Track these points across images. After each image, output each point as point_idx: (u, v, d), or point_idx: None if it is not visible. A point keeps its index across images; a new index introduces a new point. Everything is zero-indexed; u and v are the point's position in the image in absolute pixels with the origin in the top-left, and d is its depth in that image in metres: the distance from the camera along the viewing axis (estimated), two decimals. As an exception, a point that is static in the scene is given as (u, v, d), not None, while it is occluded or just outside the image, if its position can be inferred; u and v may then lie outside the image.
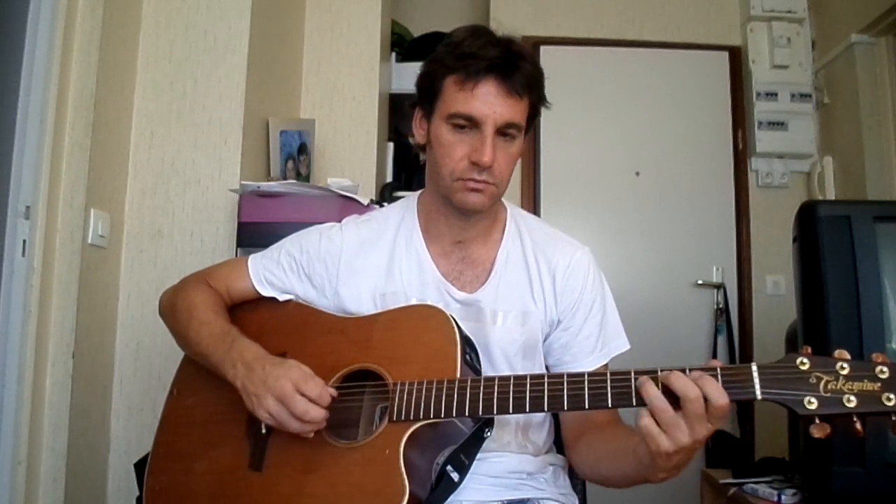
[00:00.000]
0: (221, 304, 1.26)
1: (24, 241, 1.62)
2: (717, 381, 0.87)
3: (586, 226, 3.24)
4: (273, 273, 1.28)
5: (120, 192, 2.03)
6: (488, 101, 1.10)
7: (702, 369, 0.90)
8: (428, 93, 1.17)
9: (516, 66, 1.11)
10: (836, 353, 0.87)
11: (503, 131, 1.12)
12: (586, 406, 0.94)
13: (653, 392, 0.88)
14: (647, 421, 0.88)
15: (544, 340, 1.22)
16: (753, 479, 1.71)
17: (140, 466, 1.25)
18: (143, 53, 2.11)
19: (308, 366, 1.12)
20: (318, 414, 1.02)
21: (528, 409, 0.98)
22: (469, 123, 1.12)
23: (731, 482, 1.76)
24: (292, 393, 1.02)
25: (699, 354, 3.20)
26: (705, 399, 0.86)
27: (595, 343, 1.21)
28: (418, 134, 1.22)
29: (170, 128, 2.10)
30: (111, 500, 1.93)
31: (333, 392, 1.05)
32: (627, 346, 1.24)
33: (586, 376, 0.96)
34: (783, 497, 1.58)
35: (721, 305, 3.22)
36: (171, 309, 1.28)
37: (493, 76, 1.10)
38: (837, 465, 1.40)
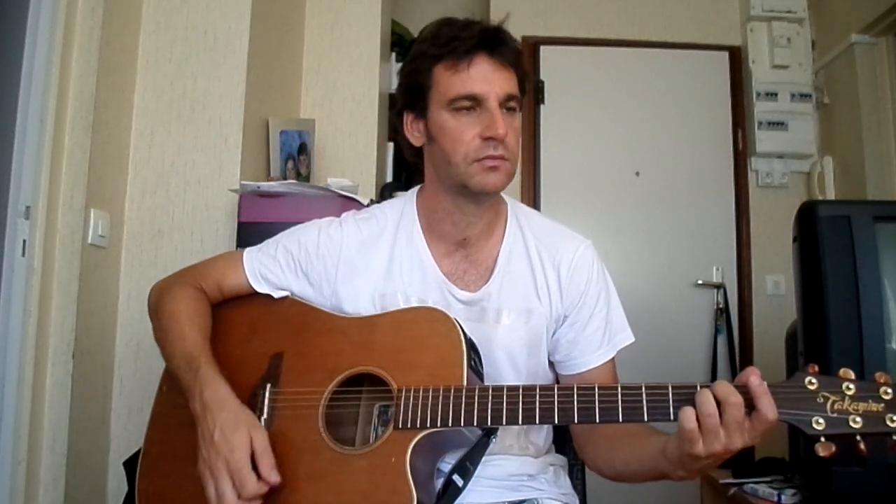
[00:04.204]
0: (204, 313, 1.21)
1: (24, 241, 1.62)
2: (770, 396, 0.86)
3: (586, 226, 3.23)
4: (269, 268, 1.24)
5: (120, 192, 2.03)
6: (486, 77, 1.10)
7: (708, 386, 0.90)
8: (418, 90, 1.15)
9: (501, 39, 1.13)
10: (841, 371, 0.88)
11: (505, 105, 1.12)
12: (597, 420, 0.94)
13: (706, 396, 0.87)
14: (692, 424, 0.87)
15: (552, 336, 1.21)
16: (753, 479, 1.70)
17: (129, 465, 1.21)
18: (143, 53, 2.11)
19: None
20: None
21: (537, 421, 0.98)
22: (472, 103, 1.11)
23: (731, 482, 1.76)
24: (239, 468, 0.99)
25: (699, 354, 3.20)
26: (752, 411, 0.86)
27: (602, 337, 1.20)
28: (414, 137, 1.19)
29: (170, 128, 2.10)
30: (111, 500, 1.93)
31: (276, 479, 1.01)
32: (632, 339, 1.23)
33: (596, 388, 0.95)
34: (783, 497, 1.58)
35: (721, 305, 3.22)
36: (156, 310, 1.23)
37: (484, 52, 1.11)
38: (837, 465, 1.40)
